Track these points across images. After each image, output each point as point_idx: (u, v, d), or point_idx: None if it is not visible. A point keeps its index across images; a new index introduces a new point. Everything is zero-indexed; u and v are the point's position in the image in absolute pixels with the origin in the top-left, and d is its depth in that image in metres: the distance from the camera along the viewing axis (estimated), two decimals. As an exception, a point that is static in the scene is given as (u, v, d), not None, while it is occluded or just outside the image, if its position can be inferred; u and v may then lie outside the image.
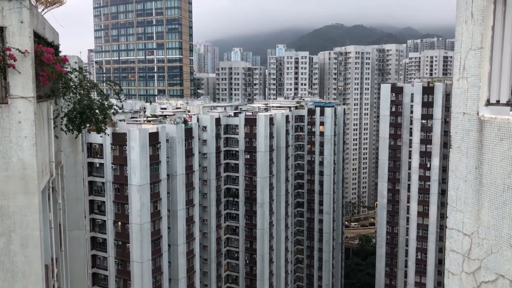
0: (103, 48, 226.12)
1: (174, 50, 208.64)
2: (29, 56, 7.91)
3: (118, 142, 71.07)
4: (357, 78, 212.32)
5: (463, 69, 5.49)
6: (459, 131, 5.61)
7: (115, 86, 12.49)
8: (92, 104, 11.08)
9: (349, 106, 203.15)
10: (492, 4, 5.12)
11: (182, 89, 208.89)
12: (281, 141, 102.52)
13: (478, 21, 5.23)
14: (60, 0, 11.99)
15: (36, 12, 9.01)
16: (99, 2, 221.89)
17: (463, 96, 5.52)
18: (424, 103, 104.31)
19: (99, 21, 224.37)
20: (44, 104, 9.45)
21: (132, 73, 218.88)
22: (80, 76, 10.82)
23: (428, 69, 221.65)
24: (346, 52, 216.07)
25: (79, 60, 13.25)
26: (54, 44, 10.68)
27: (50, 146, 9.94)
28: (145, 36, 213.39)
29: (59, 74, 9.21)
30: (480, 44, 5.21)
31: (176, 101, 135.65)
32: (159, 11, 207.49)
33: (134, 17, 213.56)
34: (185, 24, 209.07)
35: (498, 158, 4.95)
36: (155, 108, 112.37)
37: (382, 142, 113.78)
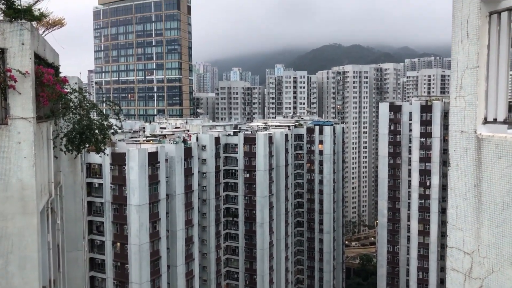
0: (103, 69, 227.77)
1: (173, 70, 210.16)
2: (30, 77, 7.98)
3: (117, 162, 70.99)
4: (356, 97, 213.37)
5: (460, 87, 5.53)
6: (457, 149, 5.63)
7: (114, 106, 12.54)
8: (91, 125, 11.11)
9: (348, 125, 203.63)
10: (486, 23, 5.20)
11: (181, 108, 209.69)
12: (281, 160, 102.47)
13: (473, 41, 5.30)
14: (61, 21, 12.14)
15: (37, 34, 9.11)
16: (99, 23, 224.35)
17: (460, 115, 5.56)
18: (422, 121, 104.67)
19: (99, 42, 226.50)
20: (44, 124, 9.48)
21: (132, 93, 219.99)
22: (80, 97, 10.87)
23: (426, 87, 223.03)
24: (344, 71, 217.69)
25: (79, 80, 13.35)
26: (54, 65, 10.77)
27: (49, 166, 9.93)
28: (144, 57, 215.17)
29: (59, 95, 9.27)
30: (476, 63, 5.27)
31: (176, 121, 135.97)
32: (159, 32, 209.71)
33: (134, 38, 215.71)
34: (185, 44, 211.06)
35: (497, 176, 4.96)
36: (155, 127, 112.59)
37: (382, 161, 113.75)
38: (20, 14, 8.59)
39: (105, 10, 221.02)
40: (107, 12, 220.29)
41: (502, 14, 5.13)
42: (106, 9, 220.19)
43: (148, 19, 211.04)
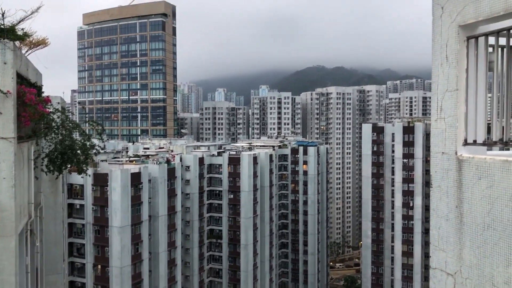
0: (87, 89, 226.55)
1: (158, 90, 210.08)
2: (11, 97, 7.88)
3: (100, 183, 70.04)
4: (339, 118, 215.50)
5: (440, 110, 5.64)
6: (438, 170, 5.70)
7: (97, 126, 12.44)
8: (73, 145, 10.98)
9: (332, 146, 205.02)
10: (465, 48, 5.34)
11: (165, 129, 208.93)
12: (265, 181, 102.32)
13: (452, 64, 5.43)
14: (44, 41, 12.09)
15: (20, 54, 9.05)
16: (84, 43, 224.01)
17: (441, 136, 5.65)
18: (405, 142, 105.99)
19: (83, 61, 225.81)
20: (25, 144, 9.34)
21: (115, 113, 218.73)
22: (63, 117, 10.77)
23: (408, 109, 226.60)
24: (327, 92, 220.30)
25: (62, 100, 13.24)
26: (37, 85, 10.68)
27: (29, 187, 9.75)
28: (129, 77, 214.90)
29: (41, 115, 9.16)
30: (456, 86, 5.39)
31: (159, 141, 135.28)
32: (144, 52, 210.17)
33: (118, 58, 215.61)
34: (169, 65, 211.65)
35: (477, 197, 5.02)
36: (138, 148, 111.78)
37: (365, 181, 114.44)
38: (3, 34, 8.54)
39: (89, 30, 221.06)
40: (91, 32, 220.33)
41: (480, 39, 5.28)
42: (91, 29, 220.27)
43: (133, 40, 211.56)
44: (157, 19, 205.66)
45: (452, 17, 5.41)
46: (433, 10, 5.72)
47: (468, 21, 5.20)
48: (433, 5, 5.72)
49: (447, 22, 5.48)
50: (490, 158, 4.91)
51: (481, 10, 5.02)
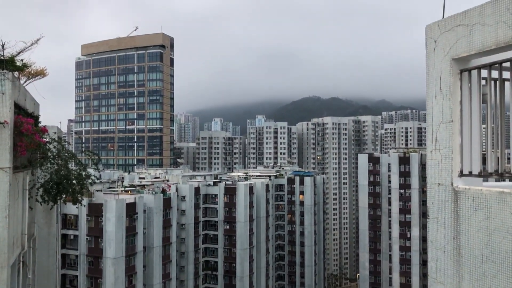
0: (84, 118, 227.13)
1: (154, 120, 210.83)
2: (8, 127, 7.90)
3: (94, 213, 69.35)
4: (335, 148, 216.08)
5: (436, 141, 5.68)
6: (435, 202, 5.69)
7: (93, 156, 12.42)
8: (69, 175, 10.93)
9: (328, 176, 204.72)
10: (458, 80, 5.43)
11: (161, 158, 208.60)
12: (261, 211, 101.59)
13: (447, 96, 5.51)
14: (43, 72, 12.20)
15: (18, 84, 9.12)
16: (82, 73, 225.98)
17: (437, 167, 5.67)
18: (401, 173, 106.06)
19: (81, 92, 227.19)
20: (20, 174, 9.30)
21: (112, 143, 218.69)
22: (59, 146, 10.76)
23: (404, 139, 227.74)
24: (323, 123, 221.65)
25: (59, 130, 13.27)
26: (34, 115, 10.72)
27: (23, 218, 9.65)
28: (126, 107, 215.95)
29: (37, 145, 9.16)
30: (450, 117, 5.45)
31: (155, 171, 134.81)
32: (141, 83, 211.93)
33: (116, 89, 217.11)
34: (166, 95, 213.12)
35: (475, 229, 5.01)
36: (134, 178, 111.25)
37: (362, 212, 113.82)
38: (2, 65, 8.64)
39: (87, 61, 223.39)
40: (89, 63, 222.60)
41: (473, 72, 5.38)
42: (89, 60, 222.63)
43: (130, 70, 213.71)
44: (155, 50, 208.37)
45: (445, 51, 5.53)
46: (427, 44, 5.84)
47: (461, 55, 5.31)
48: (427, 38, 5.85)
49: (441, 56, 5.59)
50: (486, 190, 4.92)
51: (473, 44, 5.13)
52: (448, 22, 5.51)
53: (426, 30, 5.86)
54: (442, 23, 5.61)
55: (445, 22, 5.56)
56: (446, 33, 5.51)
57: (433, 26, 5.75)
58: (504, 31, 4.74)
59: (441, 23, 5.63)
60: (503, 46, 4.78)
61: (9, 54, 9.57)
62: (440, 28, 5.61)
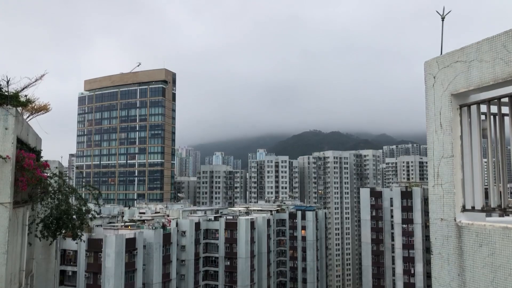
0: (85, 153, 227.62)
1: (156, 154, 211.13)
2: (10, 162, 7.92)
3: (94, 249, 68.48)
4: (337, 182, 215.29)
5: (437, 176, 5.67)
6: (438, 237, 5.63)
7: (94, 190, 12.39)
8: (69, 210, 10.87)
9: (330, 210, 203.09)
10: (458, 115, 5.47)
11: (162, 193, 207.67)
12: (263, 247, 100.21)
13: (447, 131, 5.53)
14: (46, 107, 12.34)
15: (21, 119, 9.20)
16: (84, 108, 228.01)
17: (439, 202, 5.64)
18: (403, 207, 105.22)
19: (83, 126, 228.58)
20: (20, 210, 9.25)
21: (113, 177, 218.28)
22: (60, 181, 10.75)
23: (405, 173, 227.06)
24: (324, 157, 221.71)
25: (60, 165, 13.28)
26: (36, 150, 10.76)
27: (22, 254, 9.53)
28: (127, 141, 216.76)
29: (38, 180, 9.16)
30: (451, 152, 5.46)
31: (156, 205, 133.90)
32: (143, 117, 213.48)
33: (118, 123, 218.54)
34: (168, 130, 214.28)
35: (479, 265, 4.93)
36: (134, 212, 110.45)
37: (365, 247, 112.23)
38: (6, 100, 8.74)
39: (90, 96, 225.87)
40: (92, 98, 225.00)
41: (472, 107, 5.43)
42: (92, 95, 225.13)
43: (133, 105, 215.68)
44: (158, 85, 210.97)
45: (444, 86, 5.60)
46: (426, 80, 5.92)
47: (459, 90, 5.38)
48: (426, 74, 5.93)
49: (440, 91, 5.66)
50: (490, 225, 4.88)
51: (472, 80, 5.20)
52: (446, 59, 5.61)
53: (424, 66, 5.95)
54: (441, 59, 5.70)
55: (443, 58, 5.65)
56: (445, 69, 5.60)
57: (431, 62, 5.84)
58: (502, 68, 4.81)
59: (440, 59, 5.72)
60: (501, 82, 4.84)
61: (13, 89, 9.71)
62: (439, 64, 5.70)
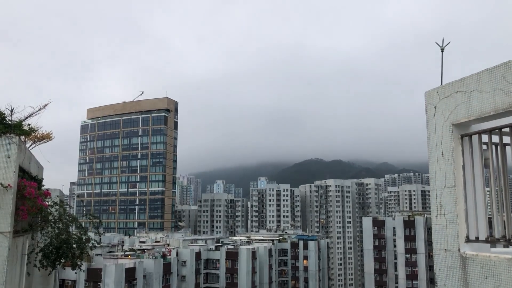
0: (86, 181, 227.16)
1: (157, 183, 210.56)
2: (11, 191, 7.90)
3: (93, 278, 67.53)
4: (339, 211, 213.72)
5: (440, 206, 5.63)
6: (442, 268, 5.55)
7: (94, 219, 12.31)
8: (70, 239, 10.78)
9: (333, 239, 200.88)
10: (459, 145, 5.48)
11: (162, 221, 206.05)
12: (264, 277, 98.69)
13: (449, 161, 5.53)
14: (49, 136, 12.40)
15: (24, 148, 9.24)
16: (86, 137, 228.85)
17: (443, 233, 5.58)
18: (406, 237, 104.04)
19: (84, 154, 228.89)
20: (20, 239, 9.17)
21: (113, 205, 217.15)
22: (60, 210, 10.70)
23: (408, 202, 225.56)
24: (326, 185, 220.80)
25: (61, 193, 13.25)
26: (38, 178, 10.75)
27: (20, 284, 9.40)
28: (129, 170, 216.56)
29: (39, 208, 9.12)
30: (454, 182, 5.44)
31: (156, 234, 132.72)
32: (145, 145, 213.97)
33: (119, 151, 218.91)
34: (169, 158, 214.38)
35: (485, 297, 4.84)
36: (134, 241, 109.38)
37: (368, 278, 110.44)
38: (10, 129, 8.79)
39: (92, 124, 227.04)
40: (94, 126, 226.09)
41: (473, 137, 5.44)
42: (94, 123, 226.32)
43: (135, 133, 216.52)
44: (160, 114, 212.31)
45: (445, 116, 5.62)
46: (427, 110, 5.95)
47: (460, 120, 5.40)
48: (426, 104, 5.96)
49: (441, 121, 5.68)
50: (495, 256, 4.82)
51: (472, 110, 5.23)
52: (446, 89, 5.66)
53: (425, 97, 5.99)
54: (441, 89, 5.75)
55: (444, 88, 5.70)
56: (445, 99, 5.64)
57: (432, 93, 5.88)
58: (502, 98, 4.85)
59: (440, 89, 5.77)
60: (501, 112, 4.87)
61: (17, 118, 9.79)
62: (439, 95, 5.75)
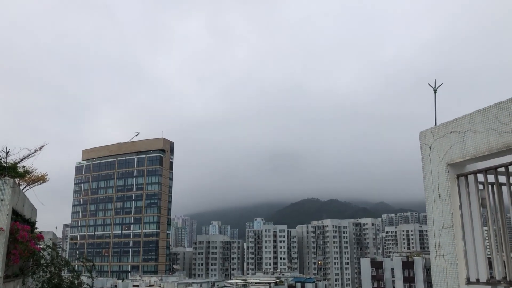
0: (80, 223, 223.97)
1: (151, 224, 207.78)
2: (3, 234, 7.77)
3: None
4: (336, 252, 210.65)
5: (439, 247, 5.57)
6: (444, 312, 5.43)
7: (88, 262, 12.09)
8: (62, 283, 10.53)
9: (331, 282, 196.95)
10: (456, 185, 5.47)
11: (157, 264, 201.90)
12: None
13: (446, 201, 5.51)
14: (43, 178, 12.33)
15: (18, 190, 9.16)
16: (81, 178, 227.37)
17: (442, 274, 5.49)
18: (405, 278, 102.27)
19: (79, 196, 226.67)
20: (11, 284, 8.94)
21: (107, 248, 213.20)
22: (53, 253, 10.51)
23: (405, 242, 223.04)
24: (323, 225, 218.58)
25: (54, 236, 13.04)
26: (31, 221, 10.60)
27: (8, 332, 9.08)
28: (123, 211, 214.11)
29: (32, 252, 8.95)
30: (451, 222, 5.41)
31: (150, 278, 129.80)
32: (140, 186, 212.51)
33: (114, 193, 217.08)
34: (164, 199, 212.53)
35: None
36: (127, 285, 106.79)
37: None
38: (4, 171, 8.75)
39: (87, 166, 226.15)
40: (89, 167, 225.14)
41: (469, 176, 5.44)
42: (89, 165, 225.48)
43: (130, 174, 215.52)
44: (155, 154, 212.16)
45: (440, 156, 5.65)
46: (422, 150, 5.98)
47: (455, 160, 5.42)
48: (421, 145, 6.00)
49: (436, 161, 5.70)
50: (497, 299, 4.73)
51: (467, 150, 5.27)
52: (441, 129, 5.71)
53: (420, 137, 6.04)
54: (435, 130, 5.80)
55: (438, 129, 5.76)
56: (440, 140, 5.68)
57: (426, 133, 5.93)
58: (495, 138, 4.89)
59: (434, 130, 5.82)
60: (496, 152, 4.90)
61: (12, 160, 9.76)
62: (434, 135, 5.80)
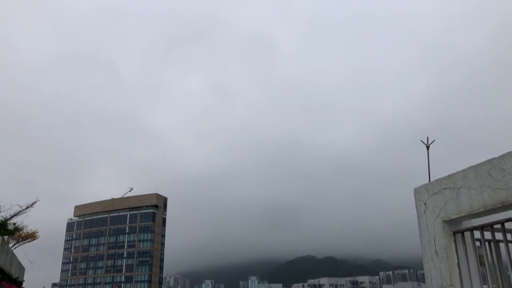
0: (69, 282, 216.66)
1: (142, 283, 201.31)
2: (-11, 295, 7.51)
3: None
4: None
5: (439, 307, 5.42)
6: None
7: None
8: None
9: None
10: (452, 242, 5.41)
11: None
12: None
13: (443, 259, 5.42)
14: (34, 235, 12.11)
15: (6, 248, 8.95)
16: (72, 235, 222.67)
17: (444, 336, 5.31)
18: None
19: (69, 253, 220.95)
20: None
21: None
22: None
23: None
24: (320, 284, 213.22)
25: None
26: (18, 280, 10.29)
27: None
28: (114, 269, 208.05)
29: (17, 314, 8.60)
30: (450, 281, 5.29)
31: None
32: (131, 243, 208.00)
33: (105, 250, 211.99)
34: (156, 256, 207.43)
35: None
36: None
37: None
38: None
39: (79, 222, 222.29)
40: (81, 224, 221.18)
41: (465, 233, 5.39)
42: (81, 221, 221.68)
43: (122, 231, 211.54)
44: (148, 210, 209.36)
45: (435, 213, 5.62)
46: (417, 206, 5.95)
47: (451, 217, 5.39)
48: (416, 201, 5.98)
49: (432, 218, 5.67)
50: None
51: (462, 207, 5.25)
52: (435, 185, 5.72)
53: (414, 193, 6.03)
54: (430, 186, 5.81)
55: (432, 185, 5.77)
56: (435, 196, 5.67)
57: (421, 189, 5.93)
58: (490, 195, 4.90)
59: (429, 186, 5.83)
60: (490, 208, 4.89)
61: (2, 217, 9.60)
62: (428, 191, 5.79)
